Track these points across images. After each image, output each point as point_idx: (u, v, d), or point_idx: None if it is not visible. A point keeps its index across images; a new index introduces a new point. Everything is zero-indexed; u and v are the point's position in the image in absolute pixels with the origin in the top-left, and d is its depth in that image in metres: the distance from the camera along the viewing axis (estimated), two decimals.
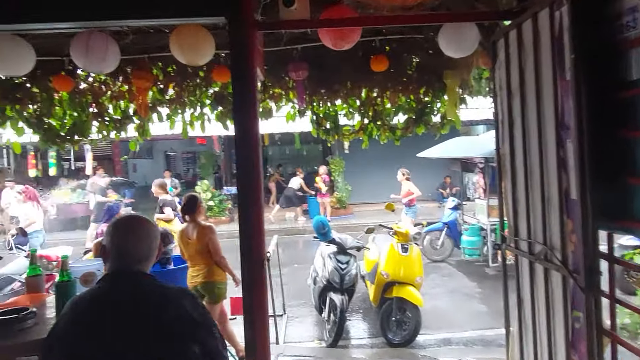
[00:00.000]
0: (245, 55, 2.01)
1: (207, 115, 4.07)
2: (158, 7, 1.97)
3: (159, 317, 1.20)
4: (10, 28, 2.27)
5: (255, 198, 2.00)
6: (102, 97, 3.82)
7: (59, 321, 1.24)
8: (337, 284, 4.33)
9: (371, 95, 4.25)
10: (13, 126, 3.77)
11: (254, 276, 1.95)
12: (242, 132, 2.00)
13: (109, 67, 2.46)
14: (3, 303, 1.85)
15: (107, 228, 1.34)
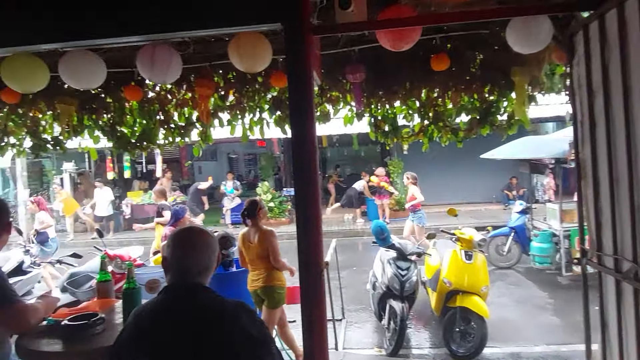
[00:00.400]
0: (302, 60, 1.98)
1: (266, 119, 4.12)
2: (217, 17, 2.00)
3: (217, 332, 1.20)
4: (83, 44, 2.41)
5: (314, 206, 1.96)
6: (167, 105, 3.99)
7: (124, 331, 1.28)
8: (397, 290, 4.21)
9: (431, 95, 4.08)
10: (90, 134, 4.05)
11: (312, 285, 1.91)
12: (299, 137, 1.98)
13: (173, 77, 2.55)
14: (74, 308, 1.95)
15: (167, 240, 1.36)
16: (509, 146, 7.76)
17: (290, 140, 8.49)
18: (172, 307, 1.25)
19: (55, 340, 1.70)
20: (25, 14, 2.31)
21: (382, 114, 4.24)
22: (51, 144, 4.04)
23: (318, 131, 4.75)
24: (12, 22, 2.32)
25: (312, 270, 1.95)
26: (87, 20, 2.27)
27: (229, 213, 12.26)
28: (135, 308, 1.34)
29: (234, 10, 1.98)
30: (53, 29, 2.33)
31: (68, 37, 2.34)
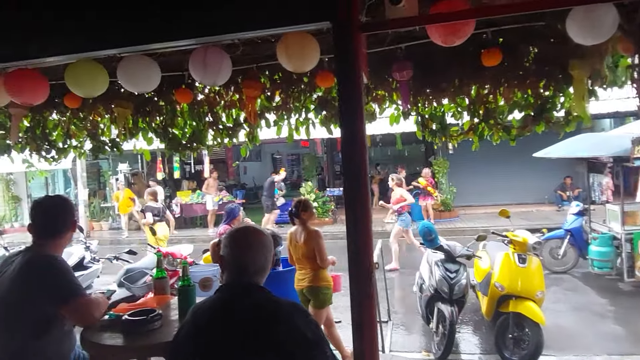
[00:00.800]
0: (351, 58, 1.95)
1: (312, 119, 4.13)
2: (267, 18, 2.01)
3: (271, 332, 1.20)
4: (139, 49, 2.51)
5: (364, 206, 1.93)
6: (216, 107, 4.09)
7: (182, 328, 1.31)
8: (446, 294, 4.09)
9: (482, 92, 3.92)
10: (144, 136, 4.22)
11: (362, 287, 1.88)
12: (348, 137, 1.95)
13: (223, 79, 2.60)
14: (133, 304, 2.03)
15: (224, 239, 1.38)
16: (565, 144, 7.37)
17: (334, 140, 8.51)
18: (228, 306, 1.27)
19: (116, 334, 1.77)
20: (86, 22, 2.43)
21: (429, 112, 4.13)
22: (109, 146, 4.25)
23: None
24: (74, 30, 2.45)
25: (362, 271, 1.92)
26: (142, 26, 2.36)
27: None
28: (192, 306, 1.37)
29: (283, 10, 1.99)
30: (111, 36, 2.44)
31: (125, 42, 2.44)
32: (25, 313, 1.82)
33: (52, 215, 2.12)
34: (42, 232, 2.08)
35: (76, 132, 4.30)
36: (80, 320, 1.90)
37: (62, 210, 2.14)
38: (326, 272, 3.68)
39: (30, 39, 2.42)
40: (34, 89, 2.62)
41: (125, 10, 2.39)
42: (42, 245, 2.02)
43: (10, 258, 2.02)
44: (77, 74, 2.56)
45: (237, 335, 1.20)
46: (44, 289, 1.84)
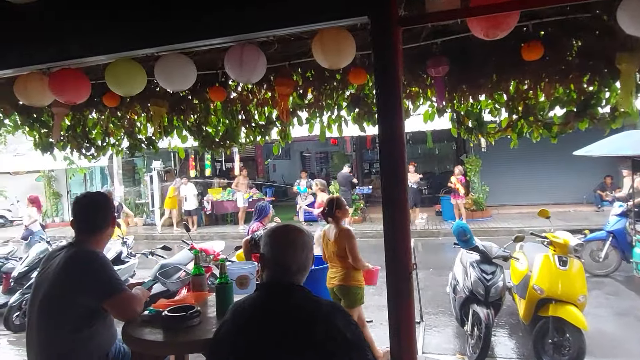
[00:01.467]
0: (390, 53, 1.91)
1: (344, 117, 4.09)
2: (304, 14, 1.99)
3: (311, 332, 1.18)
4: (176, 47, 2.54)
5: (402, 205, 1.88)
6: (249, 105, 4.11)
7: (222, 326, 1.30)
8: (482, 296, 3.97)
9: (521, 88, 3.78)
10: (178, 134, 4.28)
11: (400, 288, 1.83)
12: (386, 135, 1.91)
13: (258, 77, 2.60)
14: (172, 300, 2.06)
15: (264, 237, 1.37)
16: (608, 141, 7.04)
17: (363, 138, 8.42)
18: (268, 305, 1.26)
19: (157, 330, 1.80)
20: (125, 22, 2.48)
21: (465, 109, 4.02)
22: (145, 144, 4.34)
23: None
24: (114, 31, 2.50)
25: (400, 272, 1.87)
26: (179, 24, 2.39)
27: (302, 211, 12.47)
28: (230, 303, 1.36)
29: (320, 5, 1.96)
30: (149, 35, 2.47)
31: (162, 41, 2.48)
32: (69, 307, 1.87)
33: (91, 212, 2.17)
34: (82, 228, 2.13)
35: (114, 131, 4.41)
36: (122, 315, 1.94)
37: (101, 206, 2.18)
38: (358, 271, 3.64)
39: (72, 39, 2.48)
40: (76, 88, 2.69)
41: (162, 10, 2.42)
42: (84, 241, 2.07)
43: (54, 253, 2.08)
44: (117, 73, 2.61)
45: (276, 334, 1.19)
46: (86, 285, 1.89)
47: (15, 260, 5.72)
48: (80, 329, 1.87)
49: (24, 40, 2.56)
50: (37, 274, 2.11)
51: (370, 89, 3.99)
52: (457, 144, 14.61)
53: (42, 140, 4.31)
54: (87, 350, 1.90)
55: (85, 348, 1.89)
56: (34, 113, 4.11)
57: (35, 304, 1.93)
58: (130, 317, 1.93)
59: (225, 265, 1.96)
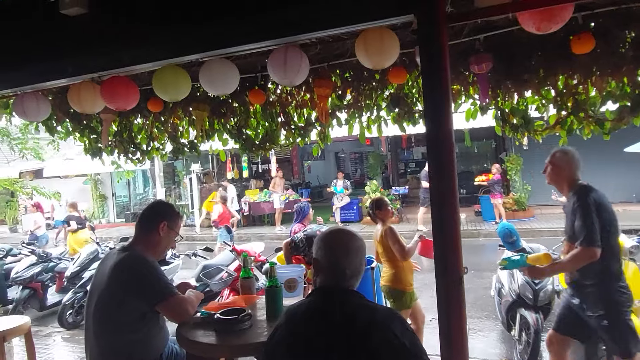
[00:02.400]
0: (437, 52, 1.86)
1: (384, 117, 4.05)
2: (349, 14, 1.98)
3: (367, 339, 1.16)
4: (220, 53, 2.59)
5: (452, 207, 1.83)
6: (288, 107, 4.13)
7: (276, 330, 1.30)
8: (530, 300, 3.83)
9: (570, 82, 3.61)
10: (219, 137, 4.36)
11: (451, 294, 1.78)
12: (435, 135, 1.86)
13: (302, 78, 2.61)
14: (223, 303, 2.08)
15: (318, 241, 1.36)
16: None
17: (401, 138, 8.26)
18: (324, 309, 1.25)
19: (210, 332, 1.82)
20: (171, 29, 2.55)
21: (510, 106, 3.89)
22: (188, 148, 4.44)
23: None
24: (160, 39, 2.57)
25: (451, 276, 1.82)
26: (223, 30, 2.43)
27: (338, 211, 12.46)
28: (279, 306, 1.37)
29: (365, 5, 1.94)
30: (194, 41, 2.53)
31: (207, 47, 2.53)
32: (122, 309, 1.93)
33: (144, 217, 2.23)
34: (135, 231, 2.20)
35: (158, 135, 4.54)
36: (175, 317, 1.98)
37: (155, 211, 2.24)
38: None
39: (122, 48, 2.57)
40: (126, 95, 2.79)
41: (207, 16, 2.46)
42: (135, 245, 2.13)
43: (111, 253, 2.16)
44: (163, 79, 2.69)
45: (332, 340, 1.17)
46: (137, 288, 1.94)
47: (68, 261, 6.00)
48: (134, 330, 1.92)
49: (77, 51, 2.68)
50: (93, 275, 2.19)
51: (409, 88, 3.93)
52: (497, 142, 14.18)
53: (92, 145, 4.49)
54: (143, 351, 1.95)
55: (140, 349, 1.94)
56: (84, 120, 4.29)
57: (91, 305, 2.01)
58: (183, 319, 1.97)
59: (275, 268, 1.96)
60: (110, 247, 5.94)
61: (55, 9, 2.55)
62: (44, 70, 2.78)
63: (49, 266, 5.88)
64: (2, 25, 2.95)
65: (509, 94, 3.80)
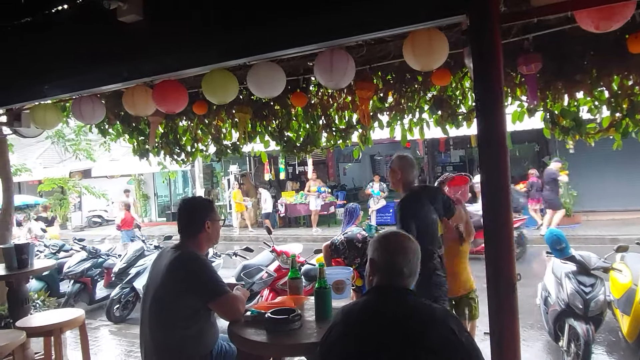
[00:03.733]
0: (490, 53, 1.82)
1: (426, 120, 3.99)
2: (399, 16, 1.96)
3: (426, 335, 1.16)
4: (267, 56, 2.63)
5: (504, 212, 1.78)
6: (329, 110, 4.15)
7: (332, 329, 1.32)
8: (580, 310, 3.66)
9: (626, 83, 3.44)
10: (261, 139, 4.43)
11: (504, 301, 1.73)
12: (487, 138, 1.82)
13: (347, 81, 2.61)
14: (272, 302, 2.11)
15: (374, 242, 1.37)
16: None
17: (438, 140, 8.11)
18: (381, 308, 1.27)
19: (261, 331, 1.86)
20: (219, 34, 2.62)
21: (560, 108, 3.74)
22: (230, 149, 4.53)
23: (468, 131, 4.44)
24: (210, 43, 2.65)
25: (503, 284, 1.76)
26: (270, 34, 2.47)
27: (374, 214, 12.38)
28: (342, 307, 1.38)
29: (416, 6, 1.93)
30: (242, 45, 2.59)
31: (254, 51, 2.58)
32: (176, 306, 1.99)
33: (186, 216, 2.30)
34: (181, 231, 2.26)
35: (202, 137, 4.67)
36: (228, 315, 2.03)
37: (195, 211, 2.30)
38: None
39: (174, 53, 2.67)
40: (176, 98, 2.89)
41: (253, 21, 2.51)
42: (185, 243, 2.20)
43: (164, 252, 2.24)
44: (212, 83, 2.76)
45: (390, 337, 1.18)
46: (190, 286, 2.00)
47: (115, 257, 6.27)
48: (187, 326, 1.98)
49: (132, 56, 2.80)
50: (149, 272, 2.27)
51: (453, 90, 3.87)
52: (540, 145, 13.68)
53: (140, 146, 4.67)
54: (195, 347, 2.01)
55: (193, 345, 2.00)
56: (133, 122, 4.47)
57: (147, 301, 2.09)
58: (235, 317, 2.02)
59: (324, 270, 1.98)
60: (155, 245, 6.15)
61: (113, 17, 2.68)
62: (101, 75, 2.92)
63: (98, 262, 6.16)
64: (64, 32, 3.13)
65: (559, 95, 3.66)
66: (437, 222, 3.16)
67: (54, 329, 3.07)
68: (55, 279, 6.09)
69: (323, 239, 10.90)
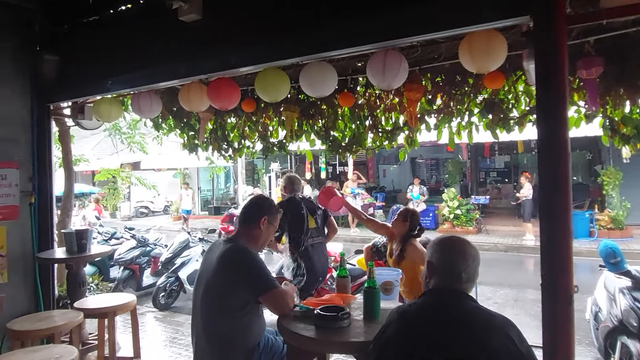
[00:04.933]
0: (555, 55, 1.77)
1: (475, 123, 3.90)
2: (460, 17, 1.94)
3: (485, 341, 1.14)
4: (320, 56, 2.66)
5: (563, 220, 1.72)
6: (376, 111, 4.14)
7: (387, 329, 1.32)
8: (635, 327, 3.46)
9: None
10: (307, 138, 4.48)
11: (559, 313, 1.68)
12: (548, 142, 1.77)
13: (400, 82, 2.60)
14: (320, 299, 2.13)
15: (433, 245, 1.36)
16: None
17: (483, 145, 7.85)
18: (439, 310, 1.25)
19: (310, 327, 1.88)
20: (274, 34, 2.68)
21: (621, 115, 3.56)
22: (277, 147, 4.61)
23: (515, 136, 4.26)
24: (265, 42, 2.71)
25: (559, 296, 1.71)
26: (325, 35, 2.50)
27: None
28: (397, 308, 1.37)
29: (478, 6, 1.89)
30: (296, 45, 2.63)
31: (308, 51, 2.62)
32: (227, 297, 2.05)
33: (248, 207, 2.36)
34: (239, 223, 2.32)
35: (249, 134, 4.78)
36: (277, 309, 2.07)
37: (257, 206, 2.35)
38: None
39: (231, 52, 2.75)
40: (229, 95, 2.97)
41: (308, 23, 2.55)
42: (239, 237, 2.25)
43: (216, 244, 2.31)
44: (265, 81, 2.82)
45: (449, 339, 1.17)
46: (241, 279, 2.05)
47: (162, 247, 6.52)
48: (236, 317, 2.03)
49: (190, 54, 2.91)
50: (201, 262, 2.36)
51: (505, 93, 3.76)
52: (593, 153, 13.03)
53: (190, 141, 4.83)
54: (244, 337, 2.06)
55: (242, 335, 2.05)
56: (185, 117, 4.64)
57: (199, 290, 2.16)
58: (283, 311, 2.05)
59: (373, 269, 1.98)
60: (200, 237, 6.35)
61: (174, 16, 2.79)
62: (160, 71, 3.05)
63: (146, 250, 6.43)
64: (127, 30, 3.30)
65: (620, 101, 3.48)
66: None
67: (109, 311, 3.24)
68: (106, 264, 6.41)
69: (361, 239, 10.85)
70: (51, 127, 3.98)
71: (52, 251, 3.77)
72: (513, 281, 7.18)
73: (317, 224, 4.03)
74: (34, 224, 3.68)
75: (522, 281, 7.33)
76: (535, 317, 5.40)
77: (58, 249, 3.92)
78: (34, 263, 3.66)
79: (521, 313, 5.74)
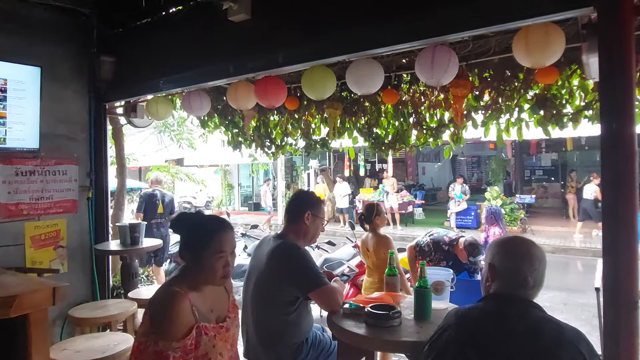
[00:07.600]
0: (621, 48, 1.67)
1: (525, 119, 3.76)
2: (516, 9, 1.87)
3: (554, 356, 1.08)
4: (367, 53, 2.65)
5: (628, 221, 1.64)
6: (420, 107, 4.07)
7: (442, 332, 1.28)
8: None
9: None
10: (349, 135, 4.47)
11: (622, 319, 1.60)
12: (613, 141, 1.68)
13: (449, 78, 2.55)
14: (370, 297, 2.13)
15: (494, 246, 1.32)
16: None
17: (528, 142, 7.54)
18: (503, 318, 1.20)
19: (361, 324, 1.89)
20: (322, 33, 2.68)
21: None
22: (319, 144, 4.63)
23: (564, 132, 4.05)
24: (312, 41, 2.73)
25: (622, 301, 1.62)
26: (371, 32, 2.48)
27: (453, 216, 11.95)
28: (454, 310, 1.34)
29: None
30: (343, 43, 2.63)
31: (355, 48, 2.61)
32: (276, 293, 2.09)
33: (292, 203, 2.39)
34: (286, 220, 2.36)
35: (292, 131, 4.82)
36: (327, 305, 2.09)
37: (298, 202, 2.38)
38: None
39: (279, 50, 2.78)
40: (276, 93, 3.01)
41: (355, 20, 2.54)
42: (287, 233, 2.29)
43: (266, 240, 2.36)
44: (312, 78, 2.84)
45: (511, 349, 1.12)
46: (290, 276, 2.08)
47: None
48: (286, 312, 2.07)
49: (238, 53, 2.97)
50: (251, 258, 2.41)
51: (559, 88, 3.60)
52: None
53: (234, 138, 4.94)
54: (293, 332, 2.09)
55: (292, 330, 2.09)
56: (229, 115, 4.74)
57: (249, 285, 2.22)
58: (333, 308, 2.07)
59: (425, 269, 1.96)
60: (242, 232, 6.48)
61: (224, 16, 2.86)
62: (209, 70, 3.14)
63: None
64: (178, 30, 3.41)
65: None
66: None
67: None
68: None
69: (400, 237, 10.73)
70: (107, 126, 4.18)
71: (107, 243, 3.96)
72: (561, 284, 6.90)
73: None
74: (91, 217, 3.88)
75: (571, 284, 7.02)
76: (586, 322, 5.17)
77: (112, 241, 4.12)
78: (91, 254, 3.87)
79: (571, 318, 5.50)
